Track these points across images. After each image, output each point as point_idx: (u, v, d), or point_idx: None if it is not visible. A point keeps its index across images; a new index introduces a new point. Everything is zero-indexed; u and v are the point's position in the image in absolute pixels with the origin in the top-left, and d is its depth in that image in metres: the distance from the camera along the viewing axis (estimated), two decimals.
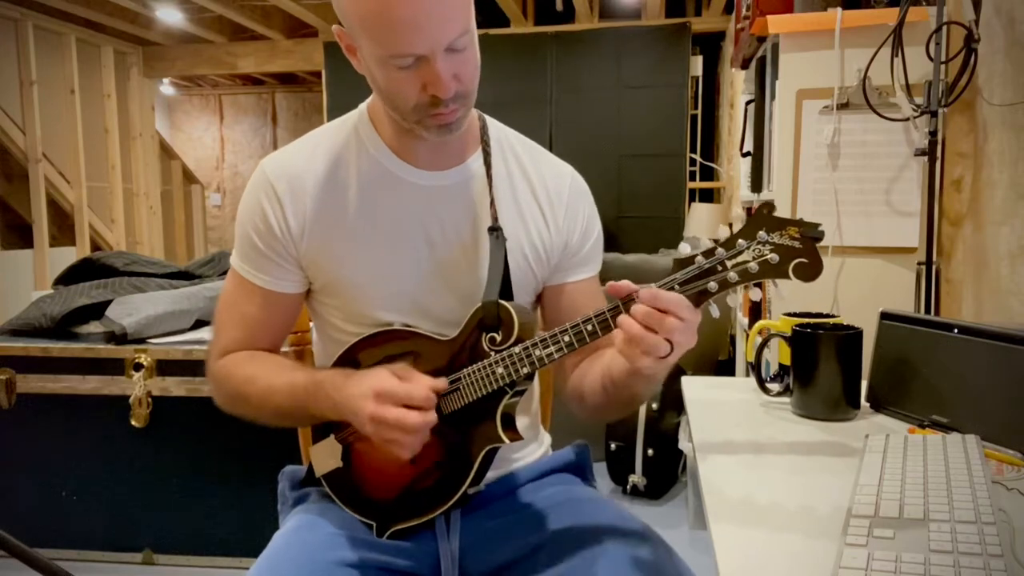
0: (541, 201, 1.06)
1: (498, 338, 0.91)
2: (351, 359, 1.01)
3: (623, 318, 0.79)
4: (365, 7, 0.82)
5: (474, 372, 0.91)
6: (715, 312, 0.81)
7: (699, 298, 0.80)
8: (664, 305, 0.77)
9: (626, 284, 0.81)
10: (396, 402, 0.84)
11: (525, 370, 0.87)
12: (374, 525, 0.99)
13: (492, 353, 0.90)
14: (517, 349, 0.88)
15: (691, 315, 0.78)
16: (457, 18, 0.83)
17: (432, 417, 0.86)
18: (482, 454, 0.93)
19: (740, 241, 0.79)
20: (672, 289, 0.80)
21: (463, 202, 1.01)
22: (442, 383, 0.89)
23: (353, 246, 0.99)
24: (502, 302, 0.93)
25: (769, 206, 0.80)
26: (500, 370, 0.89)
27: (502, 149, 1.06)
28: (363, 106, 1.04)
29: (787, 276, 0.78)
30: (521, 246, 1.03)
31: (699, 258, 0.80)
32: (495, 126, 1.08)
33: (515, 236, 1.03)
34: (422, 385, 0.86)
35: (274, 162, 1.01)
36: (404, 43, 0.82)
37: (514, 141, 1.08)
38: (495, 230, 0.99)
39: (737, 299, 0.81)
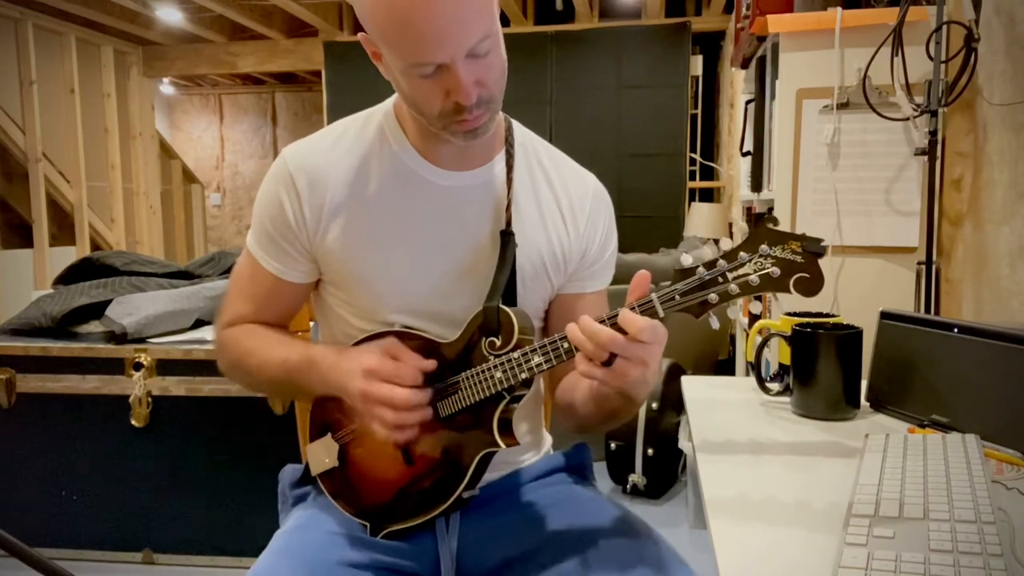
0: (563, 207, 1.05)
1: (498, 343, 0.91)
2: None
3: (569, 326, 0.81)
4: (384, 18, 0.82)
5: (472, 376, 0.91)
6: (715, 323, 0.81)
7: (700, 309, 0.80)
8: (621, 325, 0.79)
9: (647, 276, 0.82)
10: (384, 379, 0.86)
11: (523, 376, 0.87)
12: (368, 526, 0.99)
13: (491, 357, 0.90)
14: (516, 354, 0.88)
15: (646, 335, 0.78)
16: (476, 24, 0.83)
17: (422, 396, 0.88)
18: (478, 458, 0.92)
19: (742, 254, 0.79)
20: (672, 299, 0.81)
21: (483, 204, 1.01)
22: (431, 363, 0.91)
23: (369, 242, 0.99)
24: (503, 307, 0.92)
25: (772, 219, 0.80)
26: (498, 375, 0.89)
27: (526, 153, 1.06)
28: (389, 103, 1.04)
29: (788, 290, 0.78)
30: (540, 251, 1.02)
31: (700, 269, 0.80)
32: (520, 130, 1.07)
33: (534, 241, 1.02)
34: (409, 365, 0.88)
35: (296, 153, 1.01)
36: (423, 52, 0.82)
37: (538, 146, 1.08)
38: (506, 234, 0.98)
39: (737, 311, 0.81)
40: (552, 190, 1.05)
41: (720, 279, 0.79)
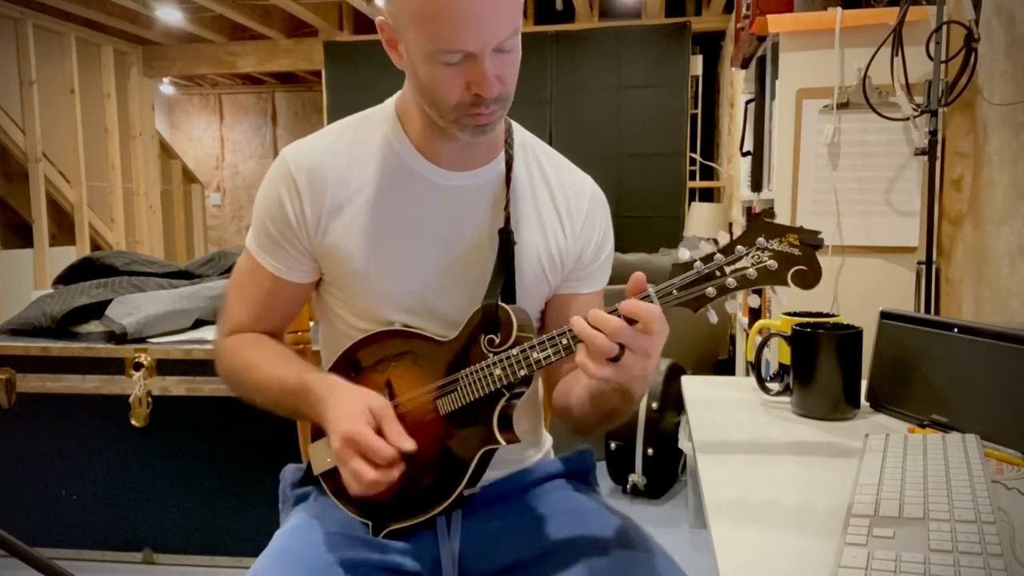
0: (560, 208, 1.06)
1: (496, 340, 0.91)
2: (351, 359, 1.01)
3: (575, 319, 0.80)
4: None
5: (472, 373, 0.91)
6: (713, 318, 0.81)
7: (697, 303, 0.80)
8: (625, 312, 0.78)
9: (642, 277, 0.81)
10: (361, 453, 0.82)
11: (522, 372, 0.87)
12: (370, 524, 0.99)
13: (490, 355, 0.90)
14: (515, 351, 0.88)
15: (649, 326, 0.77)
16: (510, 18, 0.84)
17: (393, 476, 0.84)
18: (478, 455, 0.92)
19: (739, 247, 0.79)
20: (670, 294, 0.80)
21: (483, 204, 1.01)
22: (411, 445, 0.85)
23: (369, 242, 0.99)
24: (501, 304, 0.93)
25: (769, 213, 0.80)
26: (497, 372, 0.89)
27: (525, 155, 1.06)
28: (390, 103, 1.04)
29: (786, 283, 0.78)
30: (538, 252, 1.03)
31: (698, 263, 0.80)
32: (520, 131, 1.07)
33: (532, 242, 1.02)
34: (390, 445, 0.83)
35: (297, 152, 1.01)
36: (456, 39, 0.82)
37: (537, 147, 1.08)
38: (505, 232, 0.99)
39: (736, 305, 0.81)
40: (550, 192, 1.06)
41: (718, 273, 0.79)
